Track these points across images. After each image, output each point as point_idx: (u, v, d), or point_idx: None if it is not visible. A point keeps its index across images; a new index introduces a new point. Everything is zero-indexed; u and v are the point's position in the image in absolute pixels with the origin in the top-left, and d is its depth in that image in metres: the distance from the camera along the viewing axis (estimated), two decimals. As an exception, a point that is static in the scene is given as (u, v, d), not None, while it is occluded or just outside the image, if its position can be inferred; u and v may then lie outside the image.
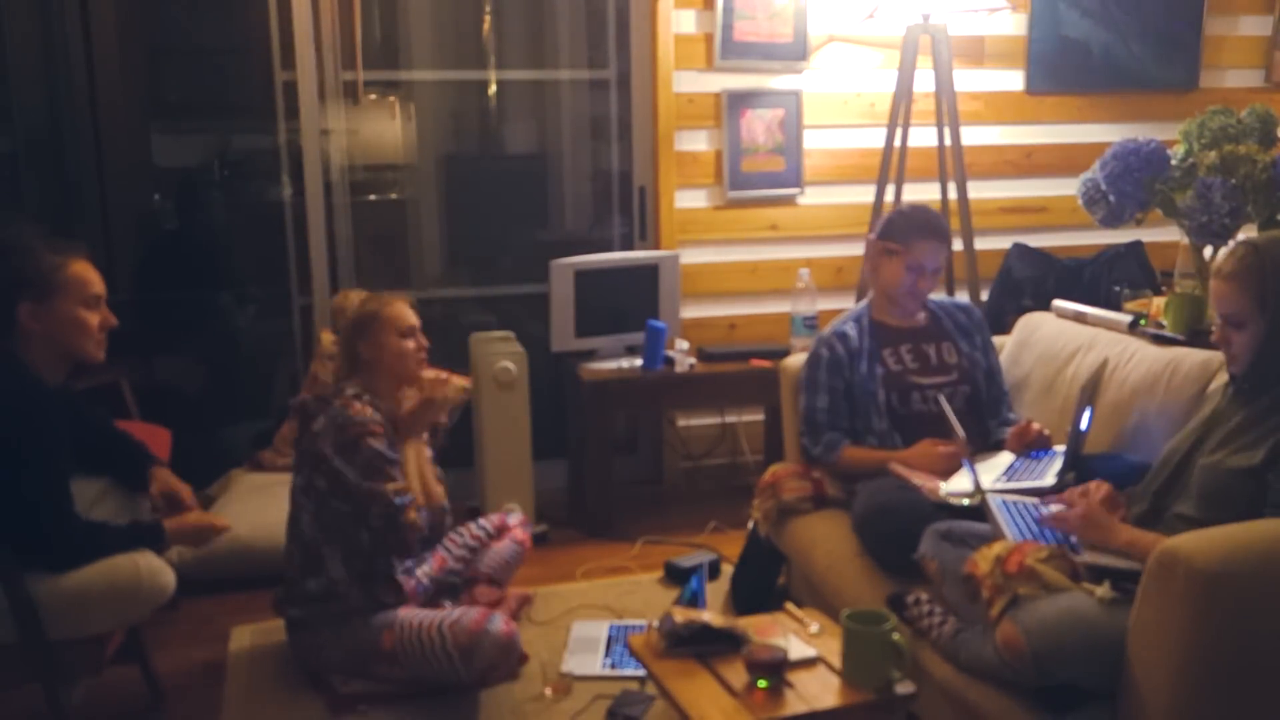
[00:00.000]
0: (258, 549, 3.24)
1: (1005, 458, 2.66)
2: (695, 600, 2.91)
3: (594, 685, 2.66)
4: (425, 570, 2.72)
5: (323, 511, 2.58)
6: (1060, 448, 2.60)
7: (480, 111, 4.56)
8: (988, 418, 2.85)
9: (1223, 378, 2.21)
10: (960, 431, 2.52)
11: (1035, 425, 2.69)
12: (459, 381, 2.77)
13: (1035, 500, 2.31)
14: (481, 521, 2.98)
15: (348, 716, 2.55)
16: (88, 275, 2.33)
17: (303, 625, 2.62)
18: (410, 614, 2.55)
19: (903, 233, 2.81)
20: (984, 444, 2.77)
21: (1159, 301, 2.85)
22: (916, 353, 2.84)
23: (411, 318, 2.65)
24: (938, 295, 2.99)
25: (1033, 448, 2.66)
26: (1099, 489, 2.16)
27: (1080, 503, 2.14)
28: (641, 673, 2.56)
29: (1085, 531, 2.06)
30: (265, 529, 3.25)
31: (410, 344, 2.63)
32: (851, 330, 2.86)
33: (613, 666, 2.74)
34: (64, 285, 2.28)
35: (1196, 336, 2.64)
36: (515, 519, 3.02)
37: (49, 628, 2.20)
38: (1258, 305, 1.97)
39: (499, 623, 2.47)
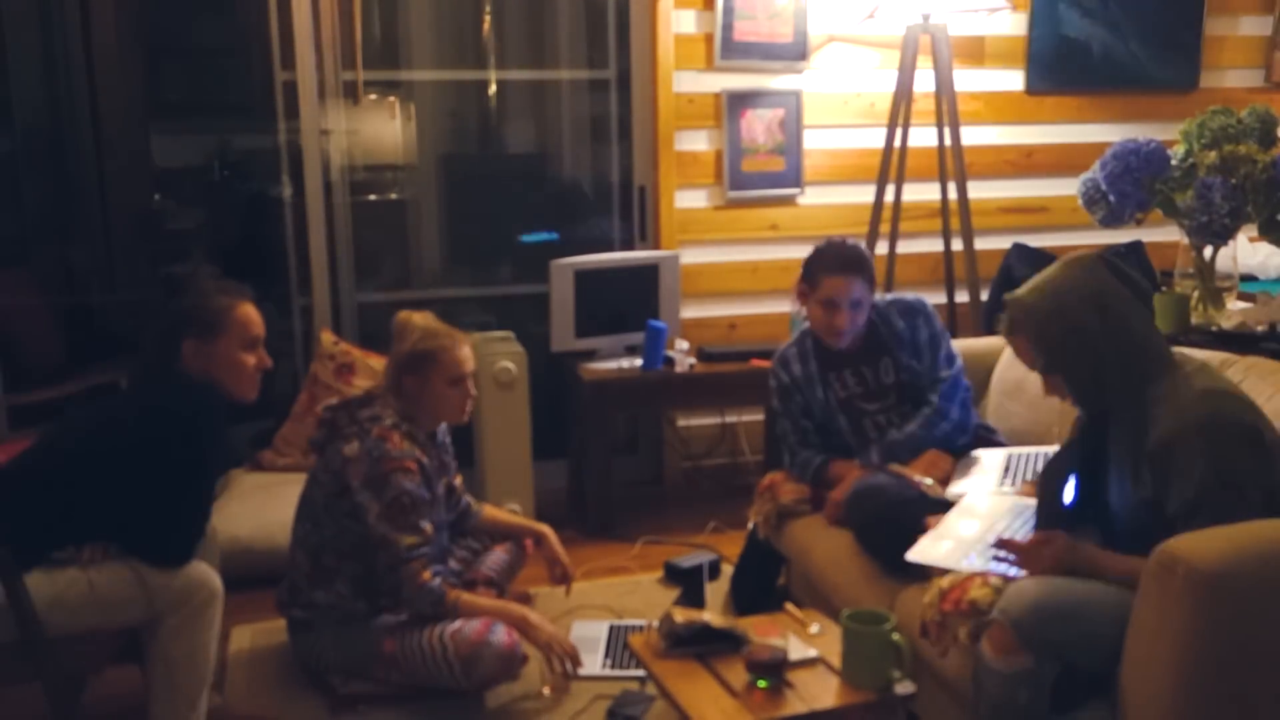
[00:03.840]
0: (258, 549, 3.24)
1: (990, 475, 2.61)
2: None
3: (594, 685, 2.66)
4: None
5: (345, 534, 2.57)
6: None
7: (480, 111, 4.56)
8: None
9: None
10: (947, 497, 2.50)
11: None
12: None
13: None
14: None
15: (348, 716, 2.55)
16: (251, 318, 2.43)
17: (305, 626, 2.62)
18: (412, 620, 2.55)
19: (813, 271, 2.75)
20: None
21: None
22: (858, 376, 2.82)
23: (467, 365, 2.64)
24: (879, 294, 2.85)
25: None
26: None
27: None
28: (641, 673, 2.56)
29: (1039, 567, 1.98)
30: (265, 529, 3.26)
31: (455, 393, 2.63)
32: (793, 355, 2.86)
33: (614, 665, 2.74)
34: (229, 326, 2.38)
35: (1193, 334, 2.64)
36: None
37: (81, 618, 2.24)
38: (1042, 355, 2.03)
39: (501, 633, 2.46)
